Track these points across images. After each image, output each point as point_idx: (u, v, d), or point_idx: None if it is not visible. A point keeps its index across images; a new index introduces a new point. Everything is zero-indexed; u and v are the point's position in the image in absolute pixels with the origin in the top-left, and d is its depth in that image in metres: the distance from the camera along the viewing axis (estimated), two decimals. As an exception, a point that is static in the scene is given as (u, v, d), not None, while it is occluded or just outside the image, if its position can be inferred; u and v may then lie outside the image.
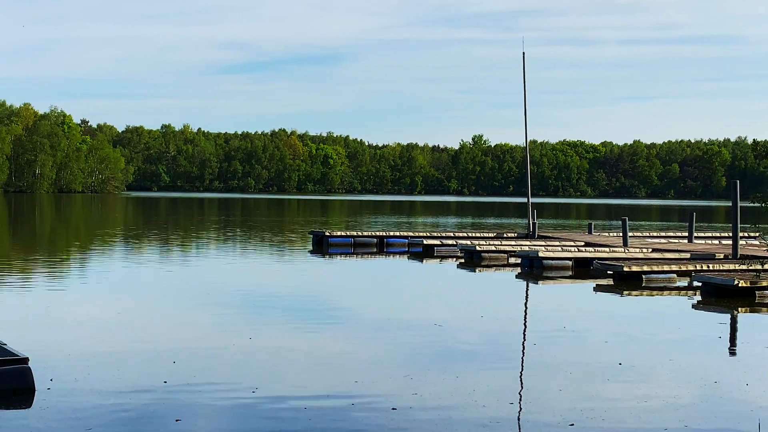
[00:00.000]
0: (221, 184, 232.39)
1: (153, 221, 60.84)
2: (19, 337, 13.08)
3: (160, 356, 12.68)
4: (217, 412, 9.80)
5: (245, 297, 20.19)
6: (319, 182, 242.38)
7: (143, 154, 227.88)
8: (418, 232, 40.44)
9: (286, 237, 44.70)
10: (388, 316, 17.67)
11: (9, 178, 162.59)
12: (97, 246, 36.05)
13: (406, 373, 11.84)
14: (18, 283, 21.90)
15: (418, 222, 65.22)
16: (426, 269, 29.17)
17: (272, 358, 12.87)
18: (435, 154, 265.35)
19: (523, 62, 39.68)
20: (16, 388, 10.20)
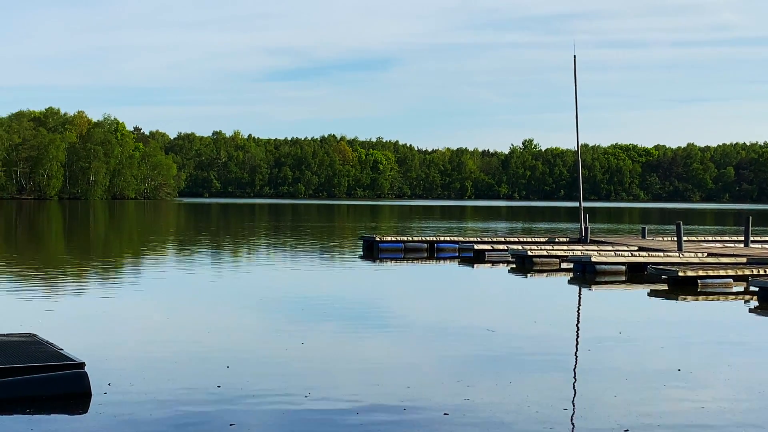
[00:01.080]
0: (271, 189, 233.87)
1: (204, 227, 61.37)
2: (75, 342, 13.25)
3: (213, 361, 12.75)
4: (271, 416, 9.82)
5: (297, 302, 20.25)
6: (369, 187, 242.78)
7: (195, 160, 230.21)
8: (469, 237, 40.29)
9: (337, 242, 44.80)
10: (439, 321, 17.61)
11: (63, 185, 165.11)
12: (150, 251, 36.45)
13: (459, 379, 11.78)
14: (73, 288, 22.21)
15: (468, 227, 64.99)
16: (477, 274, 29.03)
17: (325, 363, 12.88)
18: (485, 159, 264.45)
19: (574, 65, 39.39)
20: (72, 392, 10.32)
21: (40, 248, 39.39)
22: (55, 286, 22.45)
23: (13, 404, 9.93)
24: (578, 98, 39.58)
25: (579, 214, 38.92)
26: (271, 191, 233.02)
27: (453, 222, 74.71)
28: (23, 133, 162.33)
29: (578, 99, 39.59)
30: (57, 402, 10.12)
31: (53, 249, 39.16)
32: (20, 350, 11.78)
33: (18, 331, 13.67)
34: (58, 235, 52.18)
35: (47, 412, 9.78)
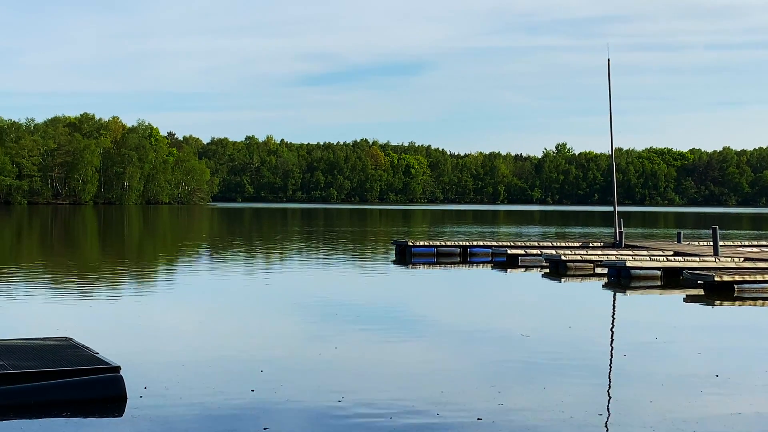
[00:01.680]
0: (304, 194, 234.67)
1: (237, 231, 61.67)
2: (111, 346, 13.34)
3: (247, 365, 12.79)
4: (304, 420, 9.83)
5: (329, 306, 20.26)
6: (401, 192, 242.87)
7: (228, 165, 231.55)
8: (502, 241, 40.16)
9: (369, 247, 44.82)
10: (473, 326, 17.55)
11: (98, 190, 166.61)
12: (184, 256, 36.67)
13: (492, 384, 11.72)
14: (109, 292, 22.38)
15: (501, 231, 64.78)
16: (510, 279, 28.92)
17: (358, 368, 12.87)
18: (518, 163, 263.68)
19: (608, 69, 39.15)
20: (108, 396, 10.38)
21: (76, 253, 39.76)
22: (91, 290, 22.64)
23: (49, 408, 10.01)
24: (612, 102, 39.35)
25: (613, 219, 38.66)
26: (303, 196, 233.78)
27: (485, 226, 74.51)
28: (59, 138, 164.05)
29: (612, 102, 39.36)
30: (93, 406, 10.19)
31: (88, 253, 39.52)
32: (57, 354, 11.89)
33: (54, 335, 13.81)
34: (93, 239, 52.66)
35: (83, 416, 9.85)
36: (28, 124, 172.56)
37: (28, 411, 9.87)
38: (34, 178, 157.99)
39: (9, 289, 22.15)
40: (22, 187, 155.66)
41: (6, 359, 11.46)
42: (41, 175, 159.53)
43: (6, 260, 33.24)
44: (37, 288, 22.78)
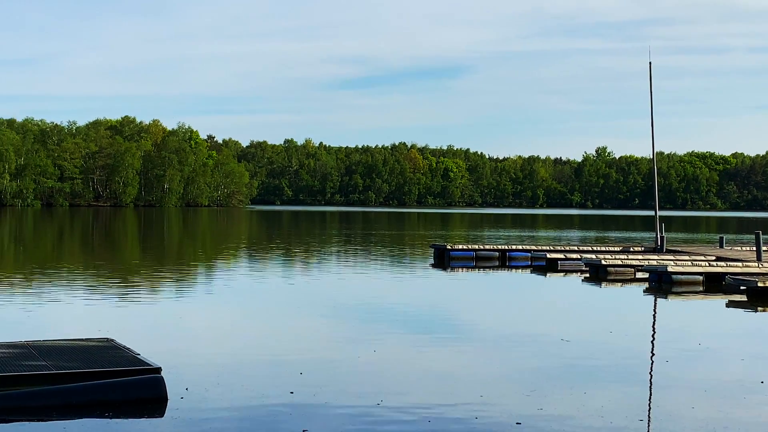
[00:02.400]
0: (342, 197, 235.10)
1: (276, 234, 61.92)
2: (152, 347, 13.44)
3: (286, 367, 12.82)
4: (343, 423, 9.83)
5: (368, 309, 20.27)
6: (440, 195, 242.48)
7: (267, 168, 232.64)
8: (541, 245, 39.92)
9: (407, 250, 44.79)
10: (512, 330, 17.46)
11: (139, 192, 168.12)
12: (223, 258, 36.88)
13: (532, 388, 11.65)
14: (149, 294, 22.57)
15: (540, 235, 64.43)
16: (550, 283, 28.74)
17: (397, 371, 12.85)
18: (557, 167, 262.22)
19: (649, 72, 38.81)
20: (149, 397, 10.46)
21: (117, 255, 40.15)
22: (132, 292, 22.84)
23: (91, 408, 10.10)
24: (654, 105, 38.99)
25: (654, 223, 38.30)
26: (341, 199, 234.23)
27: (525, 230, 74.16)
28: (100, 141, 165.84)
29: (654, 106, 39.00)
30: (134, 406, 10.27)
31: (129, 255, 39.88)
32: (99, 355, 12.01)
33: (96, 336, 13.95)
34: (133, 242, 53.15)
35: (125, 417, 9.93)
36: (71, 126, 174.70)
37: (70, 411, 9.97)
38: (76, 180, 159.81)
39: (52, 291, 22.41)
40: (63, 189, 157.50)
41: (49, 360, 11.59)
42: (83, 177, 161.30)
43: (49, 262, 33.64)
44: (79, 289, 23.02)
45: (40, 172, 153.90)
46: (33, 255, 38.31)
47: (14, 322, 16.94)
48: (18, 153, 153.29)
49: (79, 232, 64.24)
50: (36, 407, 10.00)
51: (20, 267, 30.63)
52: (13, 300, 20.34)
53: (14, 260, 34.68)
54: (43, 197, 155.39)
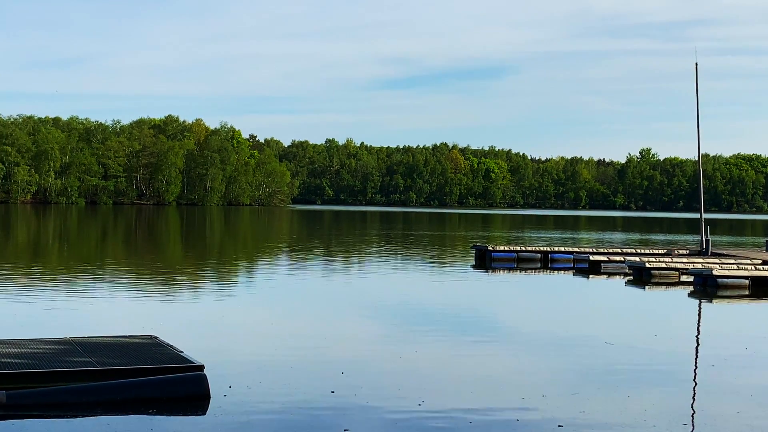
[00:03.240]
0: (383, 197, 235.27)
1: (317, 233, 62.09)
2: (195, 345, 13.51)
3: (328, 366, 12.82)
4: (384, 423, 9.80)
5: (409, 310, 20.24)
6: (481, 196, 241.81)
7: (308, 168, 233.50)
8: (584, 247, 39.59)
9: (448, 251, 44.68)
10: (554, 332, 17.31)
11: (181, 191, 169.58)
12: (265, 257, 37.05)
13: (574, 391, 11.55)
14: (191, 292, 22.72)
15: (583, 237, 63.97)
16: (593, 286, 28.49)
17: (438, 372, 12.80)
18: (600, 168, 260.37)
19: (695, 73, 38.32)
20: (192, 394, 10.50)
21: (159, 252, 40.49)
22: (174, 289, 23.02)
23: (135, 405, 10.17)
24: (699, 107, 38.49)
25: (699, 226, 37.83)
26: (382, 199, 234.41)
27: (567, 232, 73.67)
28: (144, 140, 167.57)
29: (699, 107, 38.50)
30: (177, 404, 10.32)
31: (172, 253, 40.20)
32: (142, 352, 12.09)
33: (139, 333, 14.04)
34: (176, 239, 53.58)
35: (168, 414, 9.98)
36: (115, 125, 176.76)
37: (114, 407, 10.04)
38: (120, 178, 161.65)
39: (96, 288, 22.64)
40: (107, 187, 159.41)
41: (93, 356, 11.69)
42: (126, 175, 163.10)
43: (92, 259, 34.02)
44: (123, 287, 23.24)
45: (84, 170, 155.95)
46: (77, 252, 38.77)
47: (59, 318, 17.14)
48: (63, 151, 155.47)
49: (123, 229, 64.90)
50: (80, 403, 10.09)
51: (65, 264, 31.00)
52: (58, 296, 20.58)
53: (59, 257, 35.11)
54: (87, 195, 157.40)
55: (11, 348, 12.15)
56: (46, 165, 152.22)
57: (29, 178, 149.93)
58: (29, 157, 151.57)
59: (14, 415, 9.60)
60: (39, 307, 18.72)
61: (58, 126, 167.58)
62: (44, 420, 9.56)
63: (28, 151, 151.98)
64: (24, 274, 25.81)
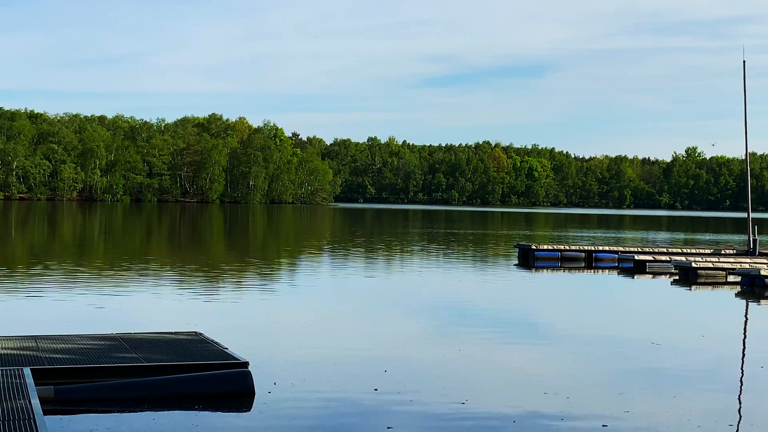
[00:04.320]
0: (425, 196, 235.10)
1: (359, 231, 62.17)
2: (239, 342, 13.58)
3: (371, 364, 12.83)
4: (427, 421, 9.78)
5: (452, 309, 20.18)
6: (524, 195, 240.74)
7: (350, 166, 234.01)
8: (628, 246, 39.22)
9: (491, 250, 44.51)
10: (599, 332, 17.17)
11: (225, 189, 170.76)
12: (307, 254, 37.16)
13: (620, 391, 11.45)
14: (235, 289, 22.85)
15: (627, 237, 63.39)
16: (638, 286, 28.21)
17: (482, 371, 12.75)
18: (645, 167, 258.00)
19: (743, 71, 37.82)
20: (237, 391, 10.56)
21: (203, 250, 40.80)
22: (218, 286, 23.17)
23: (180, 400, 10.25)
24: (747, 105, 37.97)
25: (747, 226, 37.31)
26: (424, 197, 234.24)
27: (611, 231, 73.05)
28: (188, 138, 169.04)
29: (747, 105, 37.98)
30: (222, 399, 10.38)
31: (215, 251, 40.49)
32: (187, 348, 12.18)
33: (185, 330, 14.15)
34: (219, 237, 53.96)
35: (213, 410, 10.05)
36: (159, 124, 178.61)
37: (159, 403, 10.13)
38: (164, 176, 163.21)
39: (141, 285, 22.87)
40: (152, 185, 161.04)
41: (139, 352, 11.80)
42: (170, 174, 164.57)
43: (138, 256, 34.37)
44: (168, 284, 23.45)
45: (129, 168, 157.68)
46: (123, 249, 39.19)
47: (105, 314, 17.32)
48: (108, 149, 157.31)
49: (167, 227, 65.50)
50: (126, 399, 10.19)
51: (111, 261, 31.35)
52: (105, 293, 20.80)
53: (105, 254, 35.52)
54: (132, 193, 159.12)
55: (59, 344, 12.31)
56: (92, 163, 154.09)
57: (75, 175, 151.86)
58: (75, 155, 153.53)
59: (62, 410, 9.72)
60: (86, 303, 18.94)
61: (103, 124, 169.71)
62: (91, 415, 9.66)
63: (74, 149, 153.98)
64: (71, 271, 26.13)
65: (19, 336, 12.92)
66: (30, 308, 18.01)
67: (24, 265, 28.00)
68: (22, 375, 10.00)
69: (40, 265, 27.77)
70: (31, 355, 11.42)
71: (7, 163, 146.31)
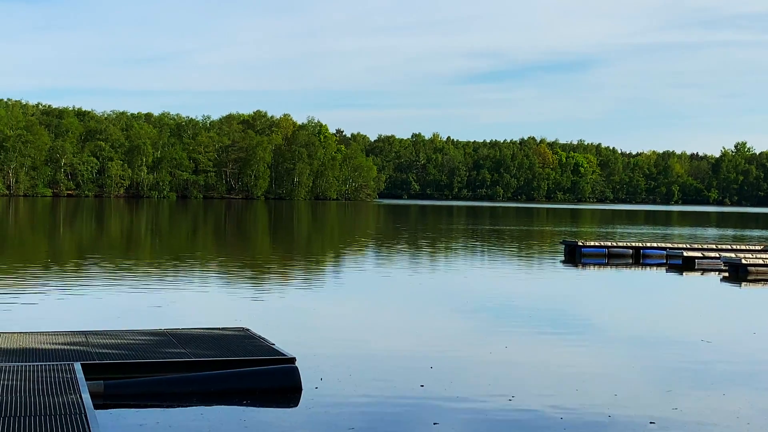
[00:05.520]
0: (469, 192, 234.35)
1: (403, 228, 62.15)
2: (284, 337, 13.64)
3: (417, 361, 12.81)
4: (474, 417, 9.75)
5: (498, 305, 20.10)
6: (569, 191, 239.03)
7: (394, 162, 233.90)
8: (677, 243, 38.78)
9: (537, 246, 44.26)
10: (648, 329, 16.99)
11: (269, 185, 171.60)
12: (352, 250, 37.22)
13: (669, 388, 11.34)
14: (280, 285, 22.96)
15: (675, 233, 62.67)
16: (687, 282, 27.87)
17: (528, 368, 12.67)
18: (693, 163, 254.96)
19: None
20: (284, 386, 10.61)
21: (249, 246, 41.05)
22: (264, 282, 23.30)
23: (228, 395, 10.32)
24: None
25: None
26: (469, 194, 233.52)
27: (658, 227, 72.29)
28: (233, 135, 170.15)
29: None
30: (269, 395, 10.44)
31: (261, 247, 40.72)
32: (234, 344, 12.26)
33: (231, 325, 14.25)
34: (265, 233, 54.25)
35: (260, 405, 10.11)
36: (205, 121, 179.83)
37: (207, 398, 10.21)
38: (210, 173, 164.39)
39: (188, 281, 23.07)
40: (198, 182, 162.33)
41: (187, 347, 11.90)
42: (216, 170, 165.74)
43: (185, 252, 34.67)
44: (215, 279, 23.64)
45: (175, 164, 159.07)
46: (170, 245, 39.57)
47: (154, 310, 17.50)
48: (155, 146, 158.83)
49: (213, 223, 66.01)
50: (175, 393, 10.28)
51: (158, 257, 31.67)
52: (152, 289, 21.02)
53: (152, 250, 35.89)
54: (178, 189, 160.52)
55: (109, 339, 12.46)
56: (139, 160, 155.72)
57: (122, 172, 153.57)
58: (122, 152, 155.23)
59: (112, 404, 9.84)
60: (135, 299, 19.15)
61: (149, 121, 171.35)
62: (141, 409, 9.77)
63: (121, 147, 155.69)
64: (119, 267, 26.44)
65: (70, 331, 13.10)
66: (80, 304, 18.26)
67: (74, 262, 28.38)
68: (73, 370, 10.14)
69: (90, 262, 28.14)
70: (82, 350, 11.57)
71: (56, 160, 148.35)
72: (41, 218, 65.73)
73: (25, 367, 10.30)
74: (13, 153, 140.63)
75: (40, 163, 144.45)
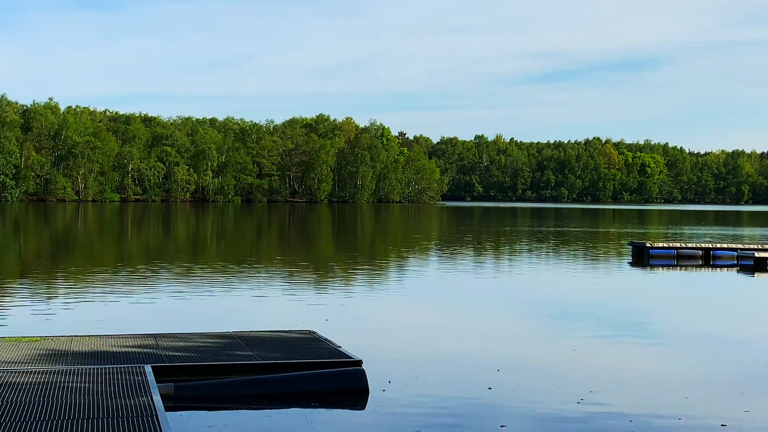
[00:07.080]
0: (533, 193, 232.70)
1: (467, 230, 61.92)
2: (352, 341, 13.68)
3: (484, 363, 12.77)
4: (542, 420, 9.69)
5: (565, 307, 19.91)
6: (636, 192, 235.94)
7: (457, 164, 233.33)
8: (748, 244, 37.99)
9: (603, 247, 43.75)
10: (719, 331, 16.70)
11: (333, 188, 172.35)
12: (416, 253, 37.19)
13: (741, 391, 11.14)
14: (345, 288, 23.04)
15: (746, 234, 61.45)
16: (759, 284, 27.31)
17: (597, 370, 12.54)
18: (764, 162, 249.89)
19: None
20: (351, 389, 10.65)
21: (314, 249, 41.27)
22: (330, 285, 23.41)
23: (295, 398, 10.39)
24: None
25: None
26: (533, 195, 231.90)
27: (728, 228, 70.95)
28: (296, 139, 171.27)
29: None
30: (337, 397, 10.49)
31: (326, 250, 40.91)
32: (301, 346, 12.34)
33: (298, 328, 14.34)
34: (329, 236, 54.50)
35: (328, 407, 10.16)
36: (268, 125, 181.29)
37: (275, 400, 10.29)
38: (273, 177, 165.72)
39: (254, 284, 23.27)
40: (262, 185, 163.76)
41: (255, 350, 12.01)
42: (279, 174, 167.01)
43: (251, 256, 35.00)
44: (281, 283, 23.80)
45: (240, 169, 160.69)
46: (236, 249, 39.96)
47: (222, 313, 17.70)
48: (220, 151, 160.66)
49: (277, 227, 66.51)
50: (243, 396, 10.38)
51: (225, 260, 31.99)
52: (220, 292, 21.25)
53: (219, 254, 36.27)
54: (242, 193, 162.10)
55: (179, 342, 12.64)
56: (204, 164, 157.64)
57: (188, 177, 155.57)
58: (188, 157, 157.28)
59: (182, 406, 9.96)
60: (203, 302, 19.39)
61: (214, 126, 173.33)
62: (210, 411, 9.88)
63: (186, 151, 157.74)
64: (188, 271, 26.78)
65: (140, 334, 13.31)
66: (149, 307, 18.54)
67: (143, 265, 28.83)
68: (144, 372, 10.30)
69: (158, 266, 28.55)
70: (152, 353, 11.74)
71: (123, 165, 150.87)
72: (110, 223, 66.93)
73: (97, 369, 10.49)
74: (82, 159, 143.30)
75: (108, 168, 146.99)
